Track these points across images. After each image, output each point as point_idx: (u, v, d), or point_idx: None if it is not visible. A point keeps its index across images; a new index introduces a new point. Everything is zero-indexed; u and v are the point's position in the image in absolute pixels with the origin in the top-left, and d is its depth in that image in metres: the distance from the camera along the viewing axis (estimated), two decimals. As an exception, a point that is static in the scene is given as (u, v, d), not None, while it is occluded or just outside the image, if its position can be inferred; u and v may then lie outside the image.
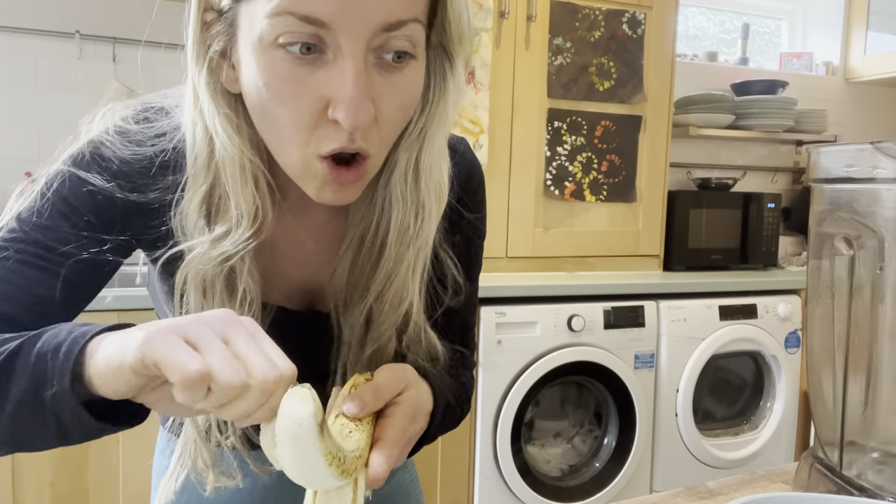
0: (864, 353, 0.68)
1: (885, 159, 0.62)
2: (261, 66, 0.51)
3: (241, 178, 0.56)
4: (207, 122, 0.56)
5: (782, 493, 0.58)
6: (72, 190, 0.58)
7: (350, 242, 0.65)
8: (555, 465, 2.20)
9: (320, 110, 0.51)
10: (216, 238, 0.57)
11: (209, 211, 0.58)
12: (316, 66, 0.50)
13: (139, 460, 1.73)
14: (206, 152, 0.57)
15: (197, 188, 0.57)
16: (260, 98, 0.52)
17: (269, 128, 0.54)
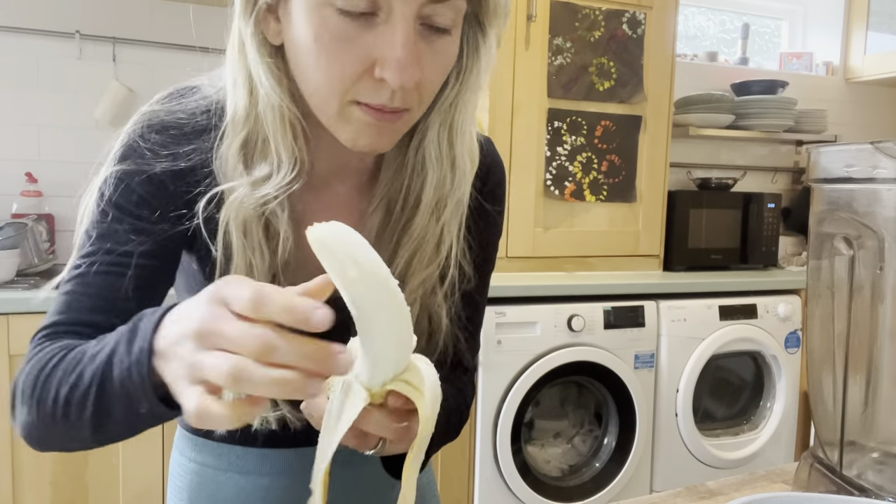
0: (864, 353, 0.68)
1: (885, 159, 0.62)
2: (314, 21, 0.53)
3: (282, 125, 0.59)
4: (252, 71, 0.58)
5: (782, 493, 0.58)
6: (119, 191, 0.61)
7: (377, 205, 0.67)
8: (555, 465, 2.20)
9: (366, 68, 0.54)
10: (256, 181, 0.59)
11: (247, 157, 0.60)
12: (367, 26, 0.53)
13: (139, 460, 1.73)
14: (246, 101, 0.59)
15: (236, 135, 0.60)
16: (308, 50, 0.54)
17: (312, 78, 0.56)
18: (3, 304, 1.59)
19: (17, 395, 0.56)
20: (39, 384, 0.54)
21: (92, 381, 0.50)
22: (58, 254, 2.18)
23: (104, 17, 2.20)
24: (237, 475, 0.73)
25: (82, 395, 0.50)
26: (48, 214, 2.16)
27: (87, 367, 0.50)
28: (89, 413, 0.50)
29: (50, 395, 0.53)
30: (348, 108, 0.56)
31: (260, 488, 0.73)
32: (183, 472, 0.76)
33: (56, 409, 0.52)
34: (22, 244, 1.95)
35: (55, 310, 0.60)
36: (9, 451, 1.63)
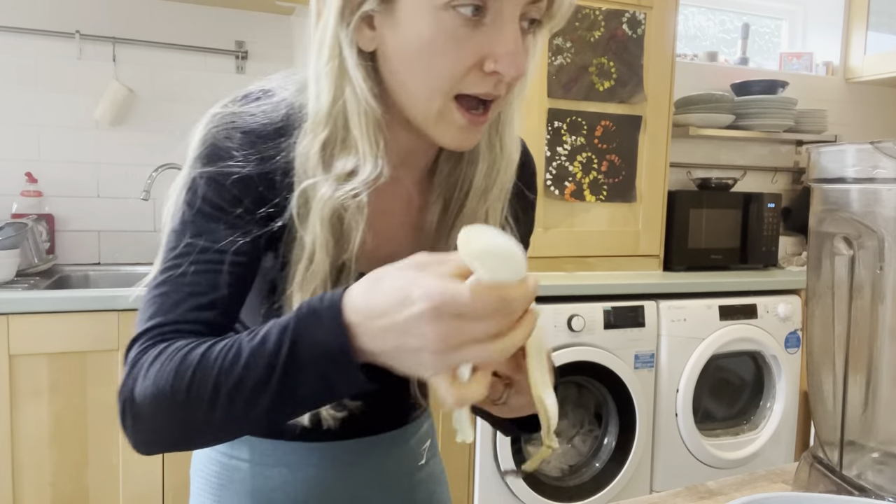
0: (864, 353, 0.68)
1: (885, 159, 0.62)
2: (429, 24, 0.58)
3: (369, 125, 0.62)
4: (350, 73, 0.61)
5: (782, 493, 0.58)
6: (212, 191, 0.63)
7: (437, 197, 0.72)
8: (555, 465, 2.20)
9: (475, 63, 0.59)
10: (340, 177, 0.63)
11: (326, 155, 0.63)
12: (476, 28, 0.58)
13: (139, 460, 1.73)
14: (329, 101, 0.62)
15: (317, 134, 0.63)
16: (418, 51, 0.59)
17: (417, 77, 0.60)
18: (3, 304, 1.59)
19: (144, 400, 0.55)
20: (187, 381, 0.53)
21: (272, 368, 0.51)
22: (58, 254, 2.19)
23: (104, 17, 2.20)
24: (282, 468, 0.75)
25: (258, 384, 0.51)
26: (48, 214, 2.17)
27: (259, 358, 0.51)
28: (267, 399, 0.51)
29: (207, 390, 0.52)
30: (448, 107, 0.61)
31: (302, 480, 0.75)
32: (210, 463, 0.78)
33: (216, 402, 0.52)
34: (22, 244, 1.95)
35: (154, 312, 0.60)
36: (9, 451, 1.63)
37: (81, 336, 1.66)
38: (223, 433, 0.56)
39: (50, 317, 1.64)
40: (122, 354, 1.80)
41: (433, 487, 0.88)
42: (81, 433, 1.69)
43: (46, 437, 1.66)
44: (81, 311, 1.65)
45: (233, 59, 2.35)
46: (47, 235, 2.14)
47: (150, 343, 0.58)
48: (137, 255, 2.29)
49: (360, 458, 0.77)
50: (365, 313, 0.48)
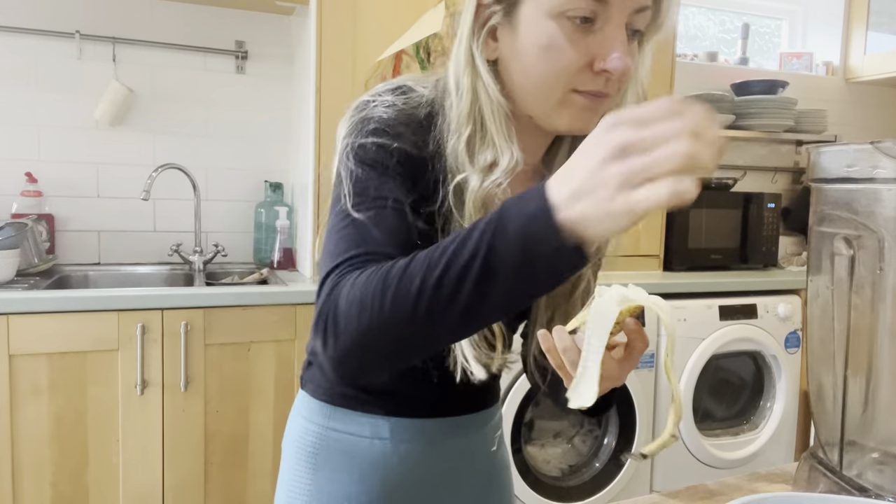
0: (864, 353, 0.68)
1: (885, 159, 0.62)
2: (545, 31, 0.67)
3: (500, 121, 0.72)
4: (484, 79, 0.71)
5: (782, 493, 0.58)
6: (378, 154, 0.70)
7: None
8: (555, 465, 2.20)
9: (586, 63, 0.67)
10: (485, 168, 0.71)
11: (470, 150, 0.72)
12: (587, 33, 0.66)
13: (139, 460, 1.74)
14: (468, 103, 0.71)
15: (462, 133, 0.72)
16: (537, 55, 0.68)
17: (537, 75, 0.69)
18: (3, 304, 1.59)
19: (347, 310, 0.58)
20: (394, 284, 0.56)
21: (478, 248, 0.54)
22: (58, 254, 2.19)
23: (104, 17, 2.20)
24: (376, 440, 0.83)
25: (463, 267, 0.54)
26: (48, 214, 2.16)
27: (466, 242, 0.54)
28: (471, 282, 0.54)
29: (414, 287, 0.55)
30: (568, 96, 0.69)
31: (395, 453, 0.83)
32: (307, 434, 0.85)
33: (421, 298, 0.55)
34: (22, 244, 1.95)
35: (346, 246, 0.65)
36: (9, 452, 1.63)
37: (81, 336, 1.66)
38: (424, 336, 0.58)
39: (50, 317, 1.64)
40: (121, 354, 1.79)
41: (501, 472, 0.96)
42: (81, 433, 1.69)
43: (46, 437, 1.66)
44: (81, 311, 1.65)
45: (233, 59, 2.35)
46: (47, 235, 2.14)
47: (348, 270, 0.62)
48: (137, 255, 2.29)
49: (444, 438, 0.86)
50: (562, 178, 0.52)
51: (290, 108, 2.41)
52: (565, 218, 0.51)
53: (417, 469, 0.85)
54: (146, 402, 1.73)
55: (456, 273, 0.54)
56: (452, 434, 0.87)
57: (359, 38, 1.97)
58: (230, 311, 1.79)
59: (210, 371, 1.78)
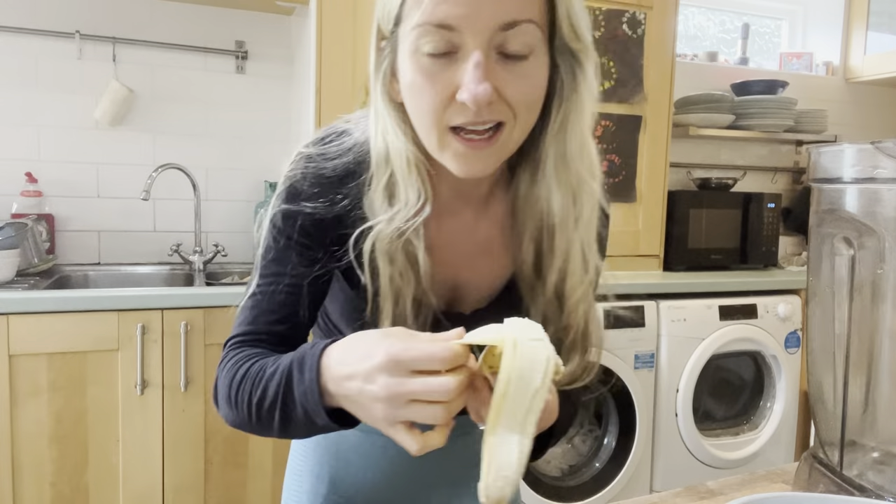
0: (864, 353, 0.68)
1: (885, 159, 0.62)
2: (411, 69, 0.64)
3: (407, 167, 0.69)
4: (384, 125, 0.69)
5: (782, 493, 0.58)
6: (288, 226, 0.73)
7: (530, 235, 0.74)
8: (555, 465, 2.20)
9: (450, 95, 0.63)
10: (392, 216, 0.70)
11: (389, 196, 0.71)
12: (449, 63, 0.63)
13: (139, 460, 1.74)
14: (384, 150, 0.70)
15: (380, 178, 0.71)
16: (411, 95, 0.66)
17: (415, 118, 0.67)
18: (3, 304, 1.59)
19: (218, 393, 0.71)
20: (233, 391, 0.68)
21: (276, 397, 0.64)
22: (58, 254, 2.19)
23: (104, 17, 2.20)
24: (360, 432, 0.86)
25: (270, 407, 0.65)
26: (48, 214, 2.16)
27: (270, 384, 0.65)
28: (277, 421, 0.65)
29: (244, 402, 0.67)
30: (446, 138, 0.65)
31: (378, 445, 0.86)
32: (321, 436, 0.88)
33: (250, 413, 0.67)
34: (22, 244, 1.95)
35: (243, 321, 0.75)
36: (9, 452, 1.63)
37: (81, 336, 1.66)
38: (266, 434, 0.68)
39: (50, 317, 1.64)
40: (122, 354, 1.79)
41: None
42: (81, 433, 1.69)
43: (46, 437, 1.66)
44: (81, 311, 1.65)
45: (233, 59, 2.35)
46: (47, 235, 2.14)
47: (234, 345, 0.73)
48: (137, 255, 2.29)
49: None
50: (336, 360, 0.59)
51: (290, 109, 2.41)
52: (330, 403, 0.60)
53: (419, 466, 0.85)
54: (146, 403, 1.73)
55: (267, 408, 0.65)
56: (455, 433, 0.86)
57: (359, 38, 1.97)
58: (230, 312, 1.78)
59: (210, 371, 1.78)
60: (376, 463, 0.87)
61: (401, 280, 0.70)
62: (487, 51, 0.61)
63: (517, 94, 0.63)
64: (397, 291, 0.71)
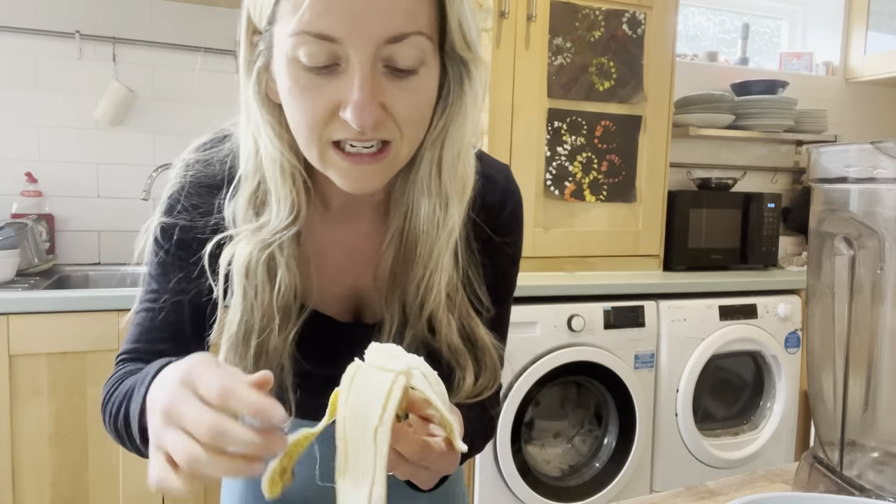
0: (864, 353, 0.68)
1: (885, 159, 0.62)
2: (287, 76, 0.58)
3: (281, 176, 0.64)
4: (253, 128, 0.64)
5: (782, 493, 0.58)
6: (166, 241, 0.69)
7: (391, 239, 0.71)
8: (555, 465, 2.20)
9: (332, 111, 0.58)
10: (258, 227, 0.65)
11: (255, 205, 0.66)
12: (331, 76, 0.57)
13: (139, 460, 1.73)
14: (253, 154, 0.65)
15: (247, 185, 0.66)
16: (286, 103, 0.60)
17: (293, 127, 0.61)
18: (3, 304, 1.59)
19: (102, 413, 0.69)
20: (105, 411, 0.67)
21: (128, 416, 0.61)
22: (58, 254, 2.18)
23: (104, 17, 2.20)
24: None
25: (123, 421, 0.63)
26: (48, 214, 2.16)
27: (124, 404, 0.63)
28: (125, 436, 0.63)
29: (109, 421, 0.66)
30: (327, 153, 0.60)
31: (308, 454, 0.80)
32: None
33: (116, 427, 0.65)
34: (22, 244, 1.95)
35: (127, 339, 0.72)
36: (9, 452, 1.63)
37: (81, 336, 1.66)
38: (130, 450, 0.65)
39: (50, 317, 1.64)
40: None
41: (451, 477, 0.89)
42: (81, 433, 1.69)
43: (46, 437, 1.66)
44: (81, 311, 1.65)
45: (233, 59, 2.35)
46: (47, 235, 2.14)
47: (120, 362, 0.71)
48: (137, 255, 2.29)
49: None
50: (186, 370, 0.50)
51: (290, 108, 2.41)
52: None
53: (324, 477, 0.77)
54: (146, 402, 1.73)
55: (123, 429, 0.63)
56: None
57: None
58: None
59: (210, 371, 1.78)
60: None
61: (255, 296, 0.65)
62: (374, 64, 0.56)
63: (405, 111, 0.59)
64: (251, 307, 0.66)
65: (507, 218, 0.78)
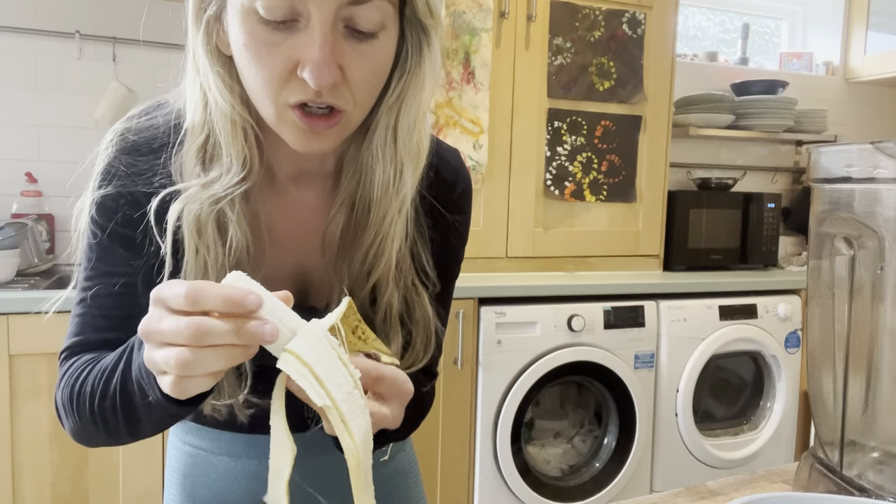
0: (864, 353, 0.68)
1: (885, 159, 0.62)
2: (242, 29, 0.56)
3: (232, 131, 0.62)
4: (202, 80, 0.62)
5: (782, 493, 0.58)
6: (106, 215, 0.65)
7: (339, 207, 0.69)
8: (555, 465, 2.20)
9: (290, 69, 0.57)
10: (208, 182, 0.62)
11: (204, 160, 0.64)
12: (289, 31, 0.56)
13: (139, 460, 1.73)
14: (201, 107, 0.63)
15: (193, 140, 0.63)
16: (241, 57, 0.58)
17: (248, 83, 0.60)
18: (3, 304, 1.59)
19: (59, 409, 0.65)
20: (75, 401, 0.62)
21: (115, 391, 0.58)
22: (58, 254, 2.18)
23: (104, 17, 2.20)
24: (228, 458, 0.77)
25: (111, 406, 0.58)
26: (48, 214, 2.16)
27: (110, 381, 0.58)
28: (121, 419, 0.59)
29: (86, 410, 0.61)
30: (284, 112, 0.59)
31: (248, 470, 0.76)
32: (178, 454, 0.80)
33: (95, 419, 0.60)
34: (22, 244, 1.95)
35: (72, 332, 0.68)
36: (9, 451, 1.63)
37: (81, 336, 1.66)
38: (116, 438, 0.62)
39: (50, 317, 1.64)
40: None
41: (399, 482, 0.85)
42: (81, 433, 1.69)
43: (46, 437, 1.66)
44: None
45: (233, 59, 2.35)
46: (47, 235, 2.14)
47: (65, 359, 0.67)
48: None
49: (310, 452, 0.74)
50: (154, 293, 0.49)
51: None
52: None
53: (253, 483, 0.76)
54: (146, 402, 1.73)
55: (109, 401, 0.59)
56: (316, 450, 0.74)
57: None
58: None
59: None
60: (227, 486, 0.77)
61: (208, 254, 0.62)
62: (334, 24, 0.55)
63: (360, 75, 0.58)
64: (204, 265, 0.63)
65: (458, 197, 0.78)
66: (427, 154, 0.69)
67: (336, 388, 0.48)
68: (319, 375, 0.48)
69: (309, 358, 0.48)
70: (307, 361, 0.48)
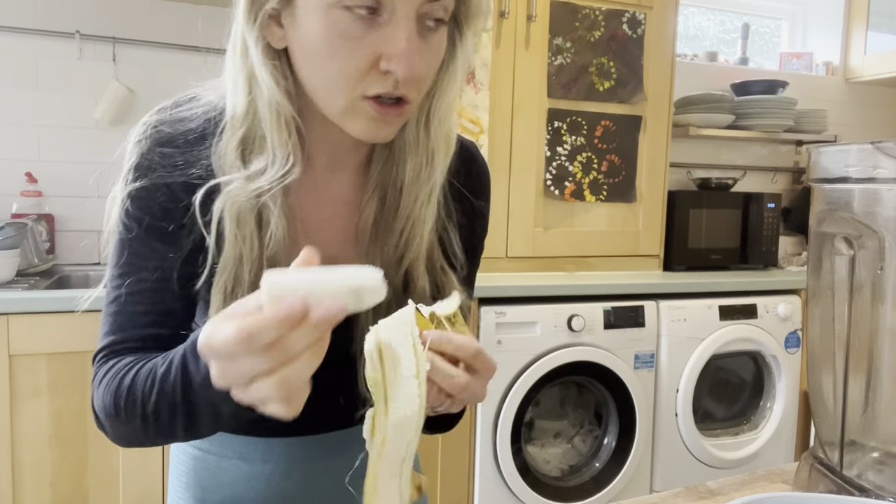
0: (864, 353, 0.68)
1: (885, 159, 0.62)
2: (323, 23, 0.58)
3: (278, 123, 0.63)
4: (256, 72, 0.62)
5: (782, 493, 0.58)
6: (143, 208, 0.65)
7: (371, 195, 0.71)
8: (555, 465, 2.20)
9: (371, 63, 0.59)
10: (252, 175, 0.63)
11: (244, 153, 0.64)
12: (371, 26, 0.58)
13: (139, 461, 1.73)
14: (245, 100, 0.63)
15: (234, 132, 0.64)
16: (318, 50, 0.59)
17: (320, 75, 0.61)
18: (3, 304, 1.59)
19: (101, 413, 0.64)
20: (122, 403, 0.60)
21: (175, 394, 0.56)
22: (58, 254, 2.18)
23: (104, 17, 2.20)
24: (240, 462, 0.76)
25: (170, 408, 0.57)
26: (48, 214, 2.16)
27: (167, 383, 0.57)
28: (181, 421, 0.58)
29: (137, 412, 0.59)
30: (358, 104, 0.61)
31: (259, 474, 0.76)
32: (185, 457, 0.79)
33: (147, 422, 0.59)
34: (22, 244, 1.95)
35: (109, 330, 0.66)
36: (9, 451, 1.63)
37: (81, 336, 1.66)
38: (167, 440, 0.62)
39: (50, 317, 1.64)
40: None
41: None
42: (81, 433, 1.69)
43: (46, 437, 1.66)
44: (81, 311, 1.65)
45: (233, 59, 2.35)
46: (47, 235, 2.14)
47: (103, 360, 0.65)
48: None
49: (312, 456, 0.76)
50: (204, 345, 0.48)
51: (290, 108, 2.40)
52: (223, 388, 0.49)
53: (287, 490, 0.76)
54: (146, 402, 1.73)
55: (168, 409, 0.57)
56: (318, 454, 0.76)
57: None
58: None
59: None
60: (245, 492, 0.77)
61: (245, 246, 0.63)
62: (416, 18, 0.59)
63: (426, 67, 0.61)
64: (239, 257, 0.63)
65: (482, 184, 0.82)
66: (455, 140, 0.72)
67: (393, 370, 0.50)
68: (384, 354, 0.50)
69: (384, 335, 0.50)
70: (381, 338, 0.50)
